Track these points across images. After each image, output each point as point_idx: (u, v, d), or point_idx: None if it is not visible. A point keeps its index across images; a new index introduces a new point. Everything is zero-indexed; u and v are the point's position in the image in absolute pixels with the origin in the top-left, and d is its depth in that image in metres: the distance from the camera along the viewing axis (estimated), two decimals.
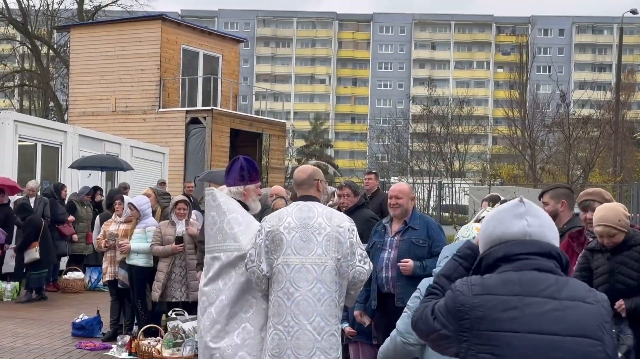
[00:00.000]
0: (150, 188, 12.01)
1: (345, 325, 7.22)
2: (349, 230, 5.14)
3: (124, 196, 10.86)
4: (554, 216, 6.62)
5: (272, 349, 5.07)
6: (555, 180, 33.33)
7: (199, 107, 27.13)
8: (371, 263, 5.34)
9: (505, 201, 8.55)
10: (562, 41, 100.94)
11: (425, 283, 3.60)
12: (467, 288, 2.77)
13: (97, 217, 13.16)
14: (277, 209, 6.68)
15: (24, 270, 13.74)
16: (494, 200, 9.30)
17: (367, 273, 5.20)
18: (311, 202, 5.27)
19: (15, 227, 14.56)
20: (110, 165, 18.34)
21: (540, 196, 6.70)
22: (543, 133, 40.47)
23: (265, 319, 5.39)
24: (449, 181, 33.15)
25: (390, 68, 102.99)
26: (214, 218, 5.78)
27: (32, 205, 14.55)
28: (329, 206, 11.30)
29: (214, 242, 5.75)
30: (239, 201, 5.91)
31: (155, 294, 9.50)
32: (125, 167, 17.89)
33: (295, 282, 5.03)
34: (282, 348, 5.02)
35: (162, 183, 17.36)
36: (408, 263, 6.31)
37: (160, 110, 26.62)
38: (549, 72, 65.68)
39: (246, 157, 6.20)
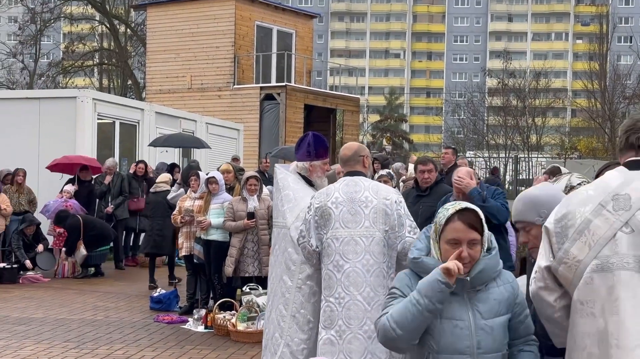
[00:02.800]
0: (229, 163, 12.17)
1: None
2: (395, 202, 5.24)
3: (200, 173, 10.99)
4: None
5: (324, 321, 5.19)
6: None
7: (273, 83, 27.25)
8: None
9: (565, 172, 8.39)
10: None
11: (401, 276, 3.51)
12: None
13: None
14: None
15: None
16: (553, 172, 9.11)
17: None
18: (357, 177, 5.38)
19: (97, 200, 14.98)
20: (189, 144, 18.60)
21: (596, 177, 6.61)
22: (623, 105, 39.50)
23: (297, 303, 5.61)
24: (526, 155, 32.69)
25: (466, 42, 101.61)
26: (274, 195, 6.13)
27: (109, 182, 14.89)
28: (401, 181, 11.28)
29: (273, 218, 6.14)
30: (303, 176, 6.04)
31: (229, 269, 9.62)
32: (204, 145, 18.10)
33: (345, 254, 5.14)
34: (333, 319, 5.13)
35: (236, 159, 17.53)
36: (470, 182, 6.69)
37: (235, 86, 26.85)
38: (630, 42, 63.94)
39: (316, 133, 6.27)
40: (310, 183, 6.04)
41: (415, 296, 3.24)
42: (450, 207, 3.37)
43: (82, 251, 13.54)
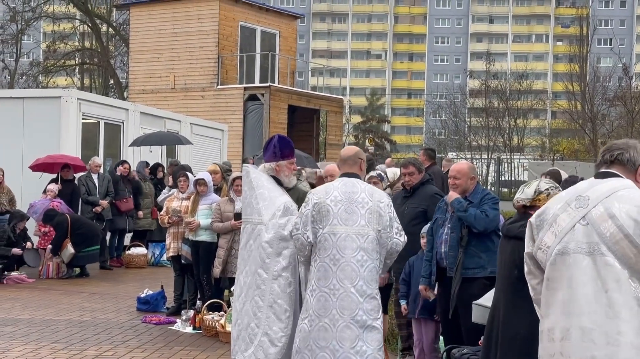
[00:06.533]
0: (216, 164, 12.10)
1: (403, 303, 7.47)
2: (388, 205, 5.75)
3: (188, 174, 10.95)
4: None
5: (318, 309, 5.59)
6: None
7: (257, 83, 27.25)
8: (405, 236, 5.86)
9: (568, 179, 8.42)
10: (623, 13, 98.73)
11: None
12: None
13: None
14: None
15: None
16: (553, 175, 9.16)
17: (402, 244, 5.80)
18: (354, 179, 5.79)
19: (81, 202, 14.86)
20: (169, 141, 18.56)
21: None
22: (604, 107, 39.79)
23: (274, 293, 6.13)
24: (508, 157, 32.85)
25: (448, 43, 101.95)
26: (246, 193, 6.54)
27: (95, 181, 14.82)
28: (388, 185, 11.39)
29: (244, 214, 6.56)
30: (272, 176, 6.51)
31: (216, 270, 9.60)
32: (184, 141, 18.08)
33: (341, 249, 5.58)
34: (327, 308, 5.55)
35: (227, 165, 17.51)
36: (452, 193, 6.74)
37: (219, 87, 26.82)
38: (611, 44, 64.48)
39: (281, 135, 6.80)
40: (279, 182, 6.51)
41: None
42: None
43: (70, 249, 13.45)
